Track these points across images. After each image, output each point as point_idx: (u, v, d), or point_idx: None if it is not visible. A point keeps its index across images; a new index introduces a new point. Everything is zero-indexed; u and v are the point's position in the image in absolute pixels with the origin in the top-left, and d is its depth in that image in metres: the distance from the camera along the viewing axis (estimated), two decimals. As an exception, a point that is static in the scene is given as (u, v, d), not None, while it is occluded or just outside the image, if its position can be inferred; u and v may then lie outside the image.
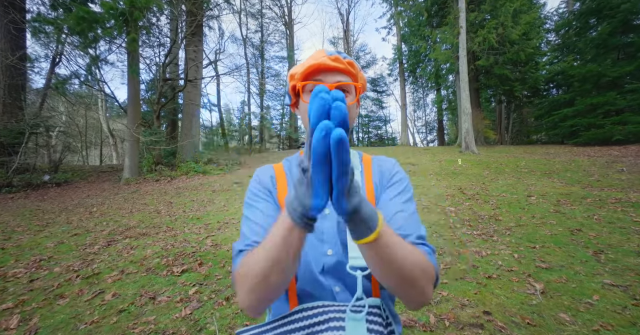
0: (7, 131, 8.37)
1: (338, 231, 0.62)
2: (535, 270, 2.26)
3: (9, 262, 2.88)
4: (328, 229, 0.62)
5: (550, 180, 6.01)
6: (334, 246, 0.61)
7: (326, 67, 0.62)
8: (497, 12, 12.44)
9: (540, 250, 2.63)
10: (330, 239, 0.61)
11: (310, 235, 0.59)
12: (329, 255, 0.60)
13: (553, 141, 14.27)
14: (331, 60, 0.61)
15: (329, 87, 0.59)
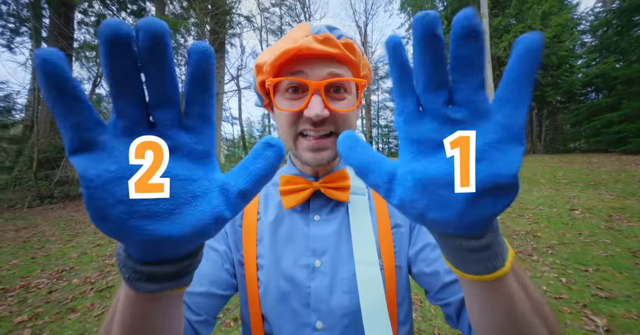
0: (52, 147, 9.13)
1: (332, 294, 0.43)
2: (592, 299, 1.91)
3: (35, 271, 2.97)
4: (318, 289, 0.44)
5: (596, 192, 5.39)
6: (327, 316, 0.43)
7: (310, 53, 0.41)
8: (523, 15, 11.96)
9: (595, 275, 2.25)
10: (321, 305, 0.43)
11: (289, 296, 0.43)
12: (318, 329, 0.42)
13: (595, 149, 13.09)
14: (318, 41, 0.40)
15: (316, 85, 0.40)
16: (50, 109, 0.18)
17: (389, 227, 0.48)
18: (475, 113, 0.21)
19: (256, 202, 0.52)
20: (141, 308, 0.24)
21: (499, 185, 0.20)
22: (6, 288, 2.49)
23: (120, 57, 0.17)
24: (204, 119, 0.21)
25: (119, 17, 11.57)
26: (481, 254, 0.23)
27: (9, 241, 4.31)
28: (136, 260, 0.21)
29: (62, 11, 9.78)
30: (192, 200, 0.20)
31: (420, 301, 2.08)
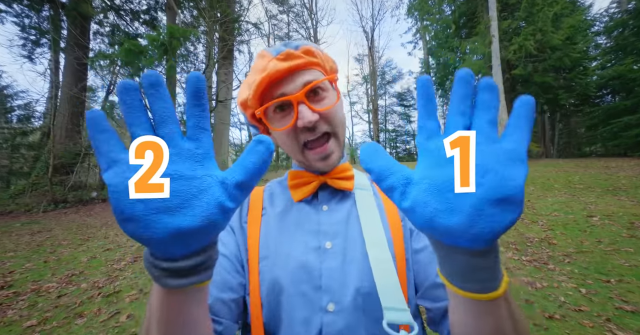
0: (67, 153, 9.42)
1: (345, 275, 0.43)
2: (617, 313, 1.79)
3: (46, 275, 3.02)
4: (330, 270, 0.44)
5: (616, 199, 5.16)
6: (339, 298, 0.42)
7: (280, 74, 0.45)
8: (533, 18, 11.79)
9: (618, 286, 2.13)
10: (332, 287, 0.42)
11: (298, 280, 0.42)
12: (329, 311, 0.41)
13: (613, 153, 12.66)
14: (281, 60, 0.45)
15: (296, 97, 0.44)
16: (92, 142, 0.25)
17: (399, 221, 0.49)
18: (486, 138, 0.25)
19: (261, 199, 0.54)
20: (172, 304, 0.28)
21: (504, 196, 0.23)
22: (18, 292, 2.53)
23: (130, 96, 0.24)
24: (201, 129, 0.26)
25: (132, 27, 11.96)
26: (483, 274, 0.25)
27: (24, 245, 4.42)
28: (161, 259, 0.25)
29: (78, 22, 10.19)
30: (198, 194, 0.24)
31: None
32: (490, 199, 0.23)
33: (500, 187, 0.23)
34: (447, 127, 0.26)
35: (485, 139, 0.25)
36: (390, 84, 27.65)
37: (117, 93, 0.24)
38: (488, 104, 0.25)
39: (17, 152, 11.23)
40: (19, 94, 12.87)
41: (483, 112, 0.25)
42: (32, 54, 11.47)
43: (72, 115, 10.29)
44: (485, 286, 0.26)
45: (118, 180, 0.23)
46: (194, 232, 0.24)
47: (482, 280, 0.26)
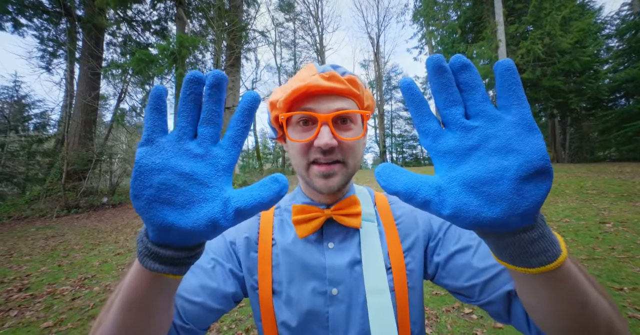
0: (79, 159, 9.69)
1: (349, 319, 0.45)
2: (631, 322, 1.76)
3: (60, 279, 3.11)
4: (336, 315, 0.46)
5: (630, 204, 5.02)
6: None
7: (318, 90, 0.45)
8: (541, 22, 11.72)
9: (632, 295, 2.07)
10: (339, 329, 0.45)
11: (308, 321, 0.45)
12: None
13: (627, 158, 12.30)
14: (325, 79, 0.45)
15: (325, 118, 0.44)
16: (144, 117, 0.27)
17: (400, 251, 0.49)
18: (489, 119, 0.25)
19: (270, 229, 0.54)
20: (142, 285, 0.29)
21: (534, 170, 0.23)
22: (35, 294, 2.62)
23: (192, 88, 0.26)
24: (235, 143, 0.28)
25: (144, 37, 12.38)
26: (540, 244, 0.25)
27: (39, 249, 4.56)
28: (150, 239, 0.27)
29: (93, 34, 10.61)
30: (201, 202, 0.26)
31: (436, 316, 1.99)
32: (522, 177, 0.23)
33: (528, 162, 0.23)
34: (447, 122, 0.26)
35: (489, 120, 0.25)
36: (396, 89, 27.67)
37: (185, 80, 0.26)
38: (472, 83, 0.26)
39: (33, 159, 11.61)
40: (36, 103, 13.40)
41: (472, 94, 0.26)
42: (50, 65, 11.95)
43: (85, 123, 10.62)
44: (549, 254, 0.25)
45: (145, 161, 0.25)
46: (182, 231, 0.25)
47: (544, 250, 0.25)
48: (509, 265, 0.27)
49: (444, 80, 0.26)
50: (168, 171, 0.25)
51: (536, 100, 14.87)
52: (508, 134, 0.24)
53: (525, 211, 0.23)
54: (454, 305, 2.13)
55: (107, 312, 0.33)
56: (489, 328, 1.82)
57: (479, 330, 1.80)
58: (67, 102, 11.02)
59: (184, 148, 0.26)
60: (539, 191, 0.23)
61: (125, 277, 0.31)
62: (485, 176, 0.24)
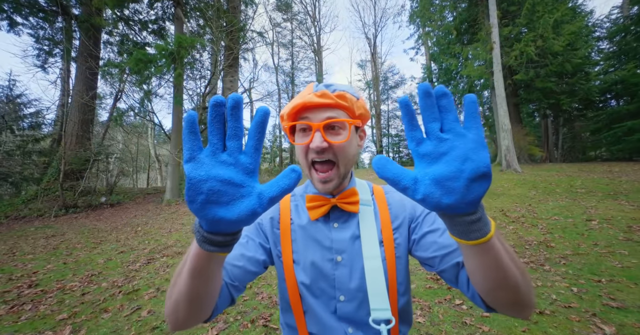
0: (77, 159, 9.67)
1: (351, 278, 0.61)
2: (603, 309, 1.92)
3: (68, 275, 3.20)
4: (341, 276, 0.62)
5: (616, 203, 5.23)
6: (347, 292, 0.61)
7: (312, 105, 0.59)
8: (534, 24, 11.92)
9: (608, 285, 2.24)
10: (343, 286, 0.61)
11: (319, 280, 0.62)
12: (341, 301, 0.61)
13: (617, 157, 12.61)
14: (317, 96, 0.58)
15: (316, 125, 0.58)
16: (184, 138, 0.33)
17: (391, 229, 0.64)
18: (456, 134, 0.35)
19: (289, 211, 0.69)
20: (202, 261, 0.39)
21: (481, 174, 0.33)
22: (45, 290, 2.71)
23: (217, 110, 0.33)
24: (256, 150, 0.36)
25: (141, 36, 12.34)
26: (477, 225, 0.36)
27: (40, 248, 4.62)
28: (204, 230, 0.36)
29: (91, 34, 10.57)
30: (240, 198, 0.34)
31: (429, 307, 2.13)
32: (472, 178, 0.33)
33: (477, 168, 0.33)
34: (428, 133, 0.36)
35: (456, 135, 0.34)
36: (392, 90, 27.86)
37: (210, 105, 0.32)
38: (448, 108, 0.35)
39: (29, 159, 11.52)
40: (32, 102, 13.30)
41: (447, 115, 0.35)
42: (45, 64, 11.87)
43: (83, 122, 10.58)
44: (481, 232, 0.36)
45: (193, 174, 0.32)
46: (229, 222, 0.33)
47: (479, 229, 0.36)
48: (456, 238, 0.39)
49: (430, 102, 0.35)
50: (212, 180, 0.33)
51: (530, 101, 15.13)
52: (468, 146, 0.34)
53: (471, 201, 0.34)
54: (446, 297, 2.27)
55: (178, 277, 0.45)
56: (477, 317, 1.96)
57: (467, 319, 1.94)
58: (64, 102, 10.97)
59: (219, 160, 0.34)
60: (481, 188, 0.34)
61: (189, 254, 0.41)
62: (448, 175, 0.34)
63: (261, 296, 2.48)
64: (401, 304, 0.62)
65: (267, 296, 2.48)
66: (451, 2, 15.18)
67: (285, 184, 0.35)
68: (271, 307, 2.29)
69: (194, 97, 12.98)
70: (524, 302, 0.43)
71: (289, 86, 23.98)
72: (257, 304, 2.33)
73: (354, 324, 0.60)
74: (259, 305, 2.31)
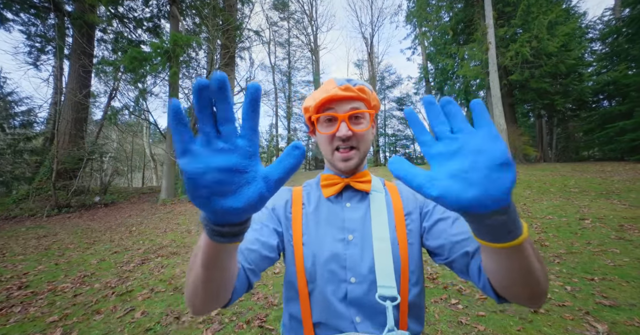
0: (70, 158, 9.54)
1: (363, 258, 0.61)
2: (596, 307, 1.94)
3: (59, 276, 3.15)
4: (352, 255, 0.62)
5: (608, 202, 5.30)
6: (358, 273, 0.60)
7: (337, 98, 0.64)
8: (529, 25, 12.04)
9: (601, 284, 2.27)
10: (354, 266, 0.61)
11: (330, 261, 0.62)
12: (352, 283, 0.60)
13: (609, 157, 12.80)
14: (342, 90, 0.64)
15: (343, 116, 0.63)
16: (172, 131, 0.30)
17: (403, 214, 0.66)
18: (467, 132, 0.34)
19: (301, 197, 0.71)
20: (213, 251, 0.38)
21: (499, 162, 0.31)
22: (36, 291, 2.66)
23: (203, 95, 0.29)
24: (253, 130, 0.32)
25: (136, 34, 12.20)
26: (508, 226, 0.33)
27: (32, 248, 4.54)
28: (212, 222, 0.34)
29: (84, 31, 10.42)
30: (246, 185, 0.31)
31: (425, 307, 2.13)
32: (491, 167, 0.30)
33: (494, 157, 0.31)
34: (438, 135, 0.36)
35: (467, 133, 0.34)
36: (389, 89, 27.94)
37: (194, 90, 0.29)
38: (454, 112, 0.35)
39: (20, 158, 11.33)
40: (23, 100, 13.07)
41: (454, 118, 0.35)
42: (37, 61, 11.67)
43: (76, 121, 10.44)
44: (514, 234, 0.34)
45: (191, 167, 0.30)
46: (238, 211, 0.31)
47: (510, 231, 0.33)
48: (481, 241, 0.36)
49: (435, 110, 0.35)
50: (212, 171, 0.30)
51: (525, 101, 15.28)
52: (480, 141, 0.33)
53: (496, 196, 0.30)
54: (442, 297, 2.28)
55: (193, 264, 0.44)
56: (472, 316, 1.97)
57: (463, 318, 1.95)
58: (57, 100, 10.81)
59: (216, 148, 0.31)
60: (505, 180, 0.30)
61: (200, 246, 0.40)
62: (465, 167, 0.32)
63: (257, 297, 2.46)
64: (412, 295, 0.60)
65: (262, 297, 2.46)
66: (447, 3, 15.25)
67: (290, 163, 0.33)
68: (267, 307, 2.28)
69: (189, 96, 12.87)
70: (540, 294, 0.42)
71: (285, 85, 23.92)
72: (253, 305, 2.32)
73: (362, 310, 0.59)
74: (254, 306, 2.30)
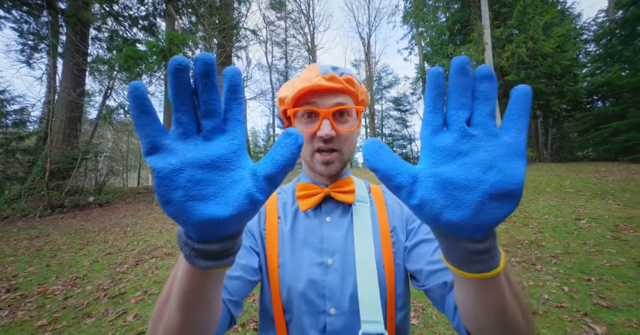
0: (64, 157, 9.41)
1: (343, 286, 0.53)
2: (594, 308, 1.93)
3: (50, 278, 3.08)
4: (331, 282, 0.53)
5: (603, 202, 5.34)
6: (338, 304, 0.52)
7: (320, 89, 0.53)
8: (525, 26, 12.13)
9: (598, 284, 2.26)
10: (334, 295, 0.52)
11: (307, 290, 0.52)
12: (331, 314, 0.52)
13: (603, 158, 12.93)
14: (326, 80, 0.52)
15: (326, 112, 0.52)
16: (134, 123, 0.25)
17: (388, 231, 0.57)
18: (488, 133, 0.26)
19: (275, 208, 0.61)
20: (196, 282, 0.30)
21: (506, 191, 0.24)
22: (25, 294, 2.60)
23: (181, 79, 0.24)
24: (238, 121, 0.27)
25: (131, 33, 12.08)
26: (482, 256, 0.27)
27: (23, 250, 4.45)
28: (194, 240, 0.27)
29: (78, 29, 10.28)
30: (232, 185, 0.25)
31: (423, 308, 2.11)
32: (493, 194, 0.24)
33: (503, 183, 0.24)
34: (450, 122, 0.26)
35: (487, 134, 0.25)
36: (386, 89, 27.99)
37: (169, 71, 0.24)
38: (487, 95, 0.26)
39: (13, 157, 11.15)
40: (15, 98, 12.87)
41: (483, 104, 0.26)
42: (30, 59, 11.50)
43: (70, 120, 10.30)
44: (487, 265, 0.28)
45: (162, 165, 0.24)
46: (225, 220, 0.25)
47: (484, 261, 0.28)
48: (450, 265, 0.30)
49: (463, 82, 0.26)
50: (189, 167, 0.25)
51: (520, 102, 15.36)
52: (498, 151, 0.25)
53: (481, 224, 0.25)
54: (439, 297, 2.26)
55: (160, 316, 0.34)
56: (470, 317, 1.95)
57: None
58: (50, 98, 10.66)
59: (195, 144, 0.26)
60: (501, 211, 0.25)
61: (176, 277, 0.31)
62: (461, 182, 0.25)
63: (252, 298, 2.42)
64: (398, 320, 0.54)
65: (258, 298, 2.42)
66: (444, 3, 15.32)
67: (284, 154, 0.26)
68: (262, 309, 2.24)
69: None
70: None
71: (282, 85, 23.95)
72: (249, 307, 2.28)
73: None
74: (250, 308, 2.26)
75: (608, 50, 13.57)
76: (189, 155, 0.25)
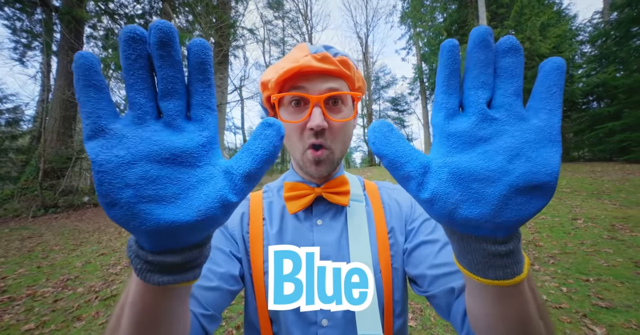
0: (57, 157, 9.29)
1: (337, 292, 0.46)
2: (593, 309, 1.91)
3: (41, 280, 3.01)
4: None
5: (599, 202, 5.36)
6: (332, 315, 0.46)
7: (310, 71, 0.45)
8: (522, 27, 12.20)
9: (596, 285, 2.25)
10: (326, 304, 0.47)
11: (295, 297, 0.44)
12: (324, 326, 0.46)
13: (599, 158, 13.05)
14: (317, 60, 0.45)
15: (317, 99, 0.44)
16: (77, 99, 0.20)
17: (385, 232, 0.51)
18: (513, 115, 0.22)
19: (261, 208, 0.54)
20: (150, 301, 0.25)
21: (536, 183, 0.21)
22: (13, 297, 2.53)
23: (135, 50, 0.20)
24: (207, 108, 0.23)
25: (128, 31, 11.95)
26: (504, 260, 0.23)
27: (14, 251, 4.36)
28: (147, 250, 0.22)
29: (73, 27, 10.16)
30: (198, 185, 0.21)
31: (421, 310, 2.09)
32: (520, 187, 0.21)
33: (533, 174, 0.21)
34: (467, 104, 0.23)
35: (512, 117, 0.22)
36: (384, 89, 28.03)
37: (121, 42, 0.20)
38: (512, 71, 0.22)
39: (5, 157, 10.99)
40: (8, 97, 12.69)
41: (507, 83, 0.22)
42: (23, 57, 11.35)
43: (64, 119, 10.18)
44: (509, 271, 0.24)
45: (105, 156, 0.19)
46: (188, 227, 0.20)
47: (505, 266, 0.23)
48: (464, 270, 0.26)
49: (484, 57, 0.22)
50: (142, 161, 0.20)
51: (517, 102, 15.45)
52: (526, 137, 0.21)
53: (504, 222, 0.21)
54: (437, 299, 2.24)
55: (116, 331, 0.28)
56: (468, 319, 1.93)
57: (459, 321, 1.90)
58: (44, 97, 10.52)
59: (152, 131, 0.21)
60: (529, 208, 0.21)
61: (128, 295, 0.26)
62: (481, 173, 0.21)
63: (247, 300, 2.38)
64: (396, 328, 0.49)
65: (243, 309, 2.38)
66: (441, 4, 15.37)
67: (263, 148, 0.22)
68: (257, 311, 2.20)
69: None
70: None
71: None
72: (242, 309, 2.24)
73: None
74: (244, 310, 2.22)
75: (603, 52, 13.69)
76: (143, 145, 0.20)
